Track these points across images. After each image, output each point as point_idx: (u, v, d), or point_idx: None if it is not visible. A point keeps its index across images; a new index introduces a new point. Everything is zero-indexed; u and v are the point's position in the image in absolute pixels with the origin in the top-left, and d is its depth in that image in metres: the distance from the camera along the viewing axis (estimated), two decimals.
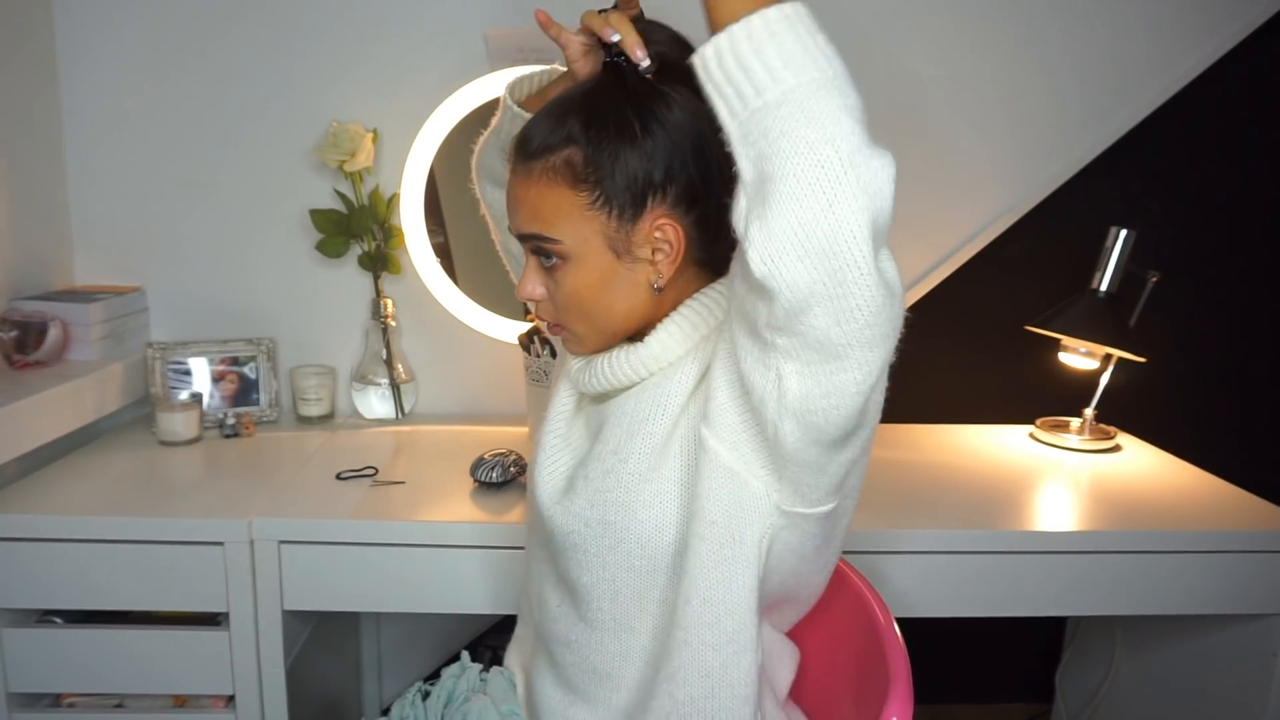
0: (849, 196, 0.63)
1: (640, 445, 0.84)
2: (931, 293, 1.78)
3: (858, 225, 0.63)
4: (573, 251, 0.83)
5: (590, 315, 0.86)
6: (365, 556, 1.26)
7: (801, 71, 0.65)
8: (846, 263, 0.64)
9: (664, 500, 0.83)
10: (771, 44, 0.65)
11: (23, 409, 1.32)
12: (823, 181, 0.63)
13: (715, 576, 0.80)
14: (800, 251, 0.64)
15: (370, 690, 1.87)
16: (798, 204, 0.64)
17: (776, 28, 0.66)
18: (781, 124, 0.64)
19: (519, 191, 0.85)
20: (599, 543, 0.85)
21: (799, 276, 0.65)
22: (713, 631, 0.81)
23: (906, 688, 0.86)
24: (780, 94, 0.65)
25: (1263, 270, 1.86)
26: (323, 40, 1.65)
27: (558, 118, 0.83)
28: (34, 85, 1.59)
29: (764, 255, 0.66)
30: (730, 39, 0.66)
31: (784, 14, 0.66)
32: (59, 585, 1.24)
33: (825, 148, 0.63)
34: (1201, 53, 1.72)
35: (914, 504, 1.38)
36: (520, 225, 0.85)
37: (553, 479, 0.91)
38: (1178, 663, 1.56)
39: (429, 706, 0.98)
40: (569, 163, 0.81)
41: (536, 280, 0.87)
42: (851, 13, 1.66)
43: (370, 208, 1.65)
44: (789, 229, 0.64)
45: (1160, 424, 1.75)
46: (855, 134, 0.64)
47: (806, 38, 0.66)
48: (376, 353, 1.70)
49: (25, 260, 1.57)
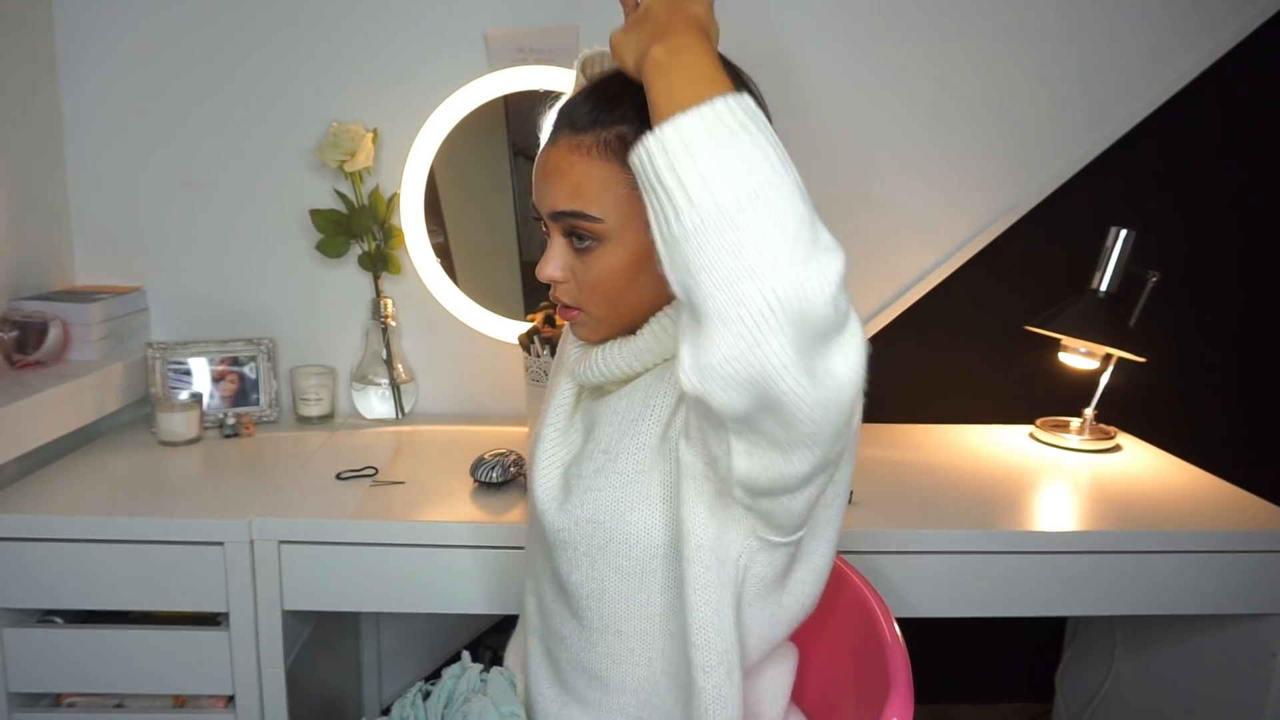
0: (774, 332, 0.59)
1: (631, 444, 0.83)
2: (931, 293, 1.78)
3: (786, 357, 0.60)
4: (612, 232, 0.80)
5: (616, 300, 0.84)
6: (365, 556, 1.26)
7: (722, 190, 0.60)
8: (780, 391, 0.62)
9: (652, 503, 0.82)
10: (691, 154, 0.61)
11: (23, 409, 1.32)
12: (746, 320, 0.59)
13: (705, 597, 0.79)
14: (730, 383, 0.62)
15: (370, 690, 1.87)
16: (723, 341, 0.61)
17: (698, 132, 0.61)
18: (701, 256, 0.60)
19: (560, 164, 0.81)
20: (588, 542, 0.84)
21: (734, 401, 0.63)
22: (702, 653, 0.80)
23: (907, 688, 0.86)
24: (698, 220, 0.60)
25: (1263, 270, 1.86)
26: (323, 40, 1.65)
27: (607, 94, 0.80)
28: (34, 85, 1.59)
29: (694, 380, 0.64)
30: (657, 142, 0.62)
31: (709, 114, 0.61)
32: (59, 585, 1.24)
33: (746, 284, 0.59)
34: (1201, 53, 1.72)
35: (914, 504, 1.38)
36: (556, 202, 0.81)
37: (549, 475, 0.90)
38: (1178, 663, 1.56)
39: (429, 706, 0.98)
40: (623, 139, 0.78)
41: (561, 261, 0.84)
42: (851, 12, 1.66)
43: (370, 208, 1.65)
44: (715, 363, 0.62)
45: (1160, 424, 1.75)
46: (781, 260, 0.59)
47: (730, 141, 0.61)
48: (376, 353, 1.70)
49: (25, 260, 1.57)
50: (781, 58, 1.67)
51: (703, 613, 0.79)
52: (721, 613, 0.79)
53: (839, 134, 1.72)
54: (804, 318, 0.60)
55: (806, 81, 1.68)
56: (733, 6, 1.70)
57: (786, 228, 0.60)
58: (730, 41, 1.80)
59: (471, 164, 1.68)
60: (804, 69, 1.68)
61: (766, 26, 1.66)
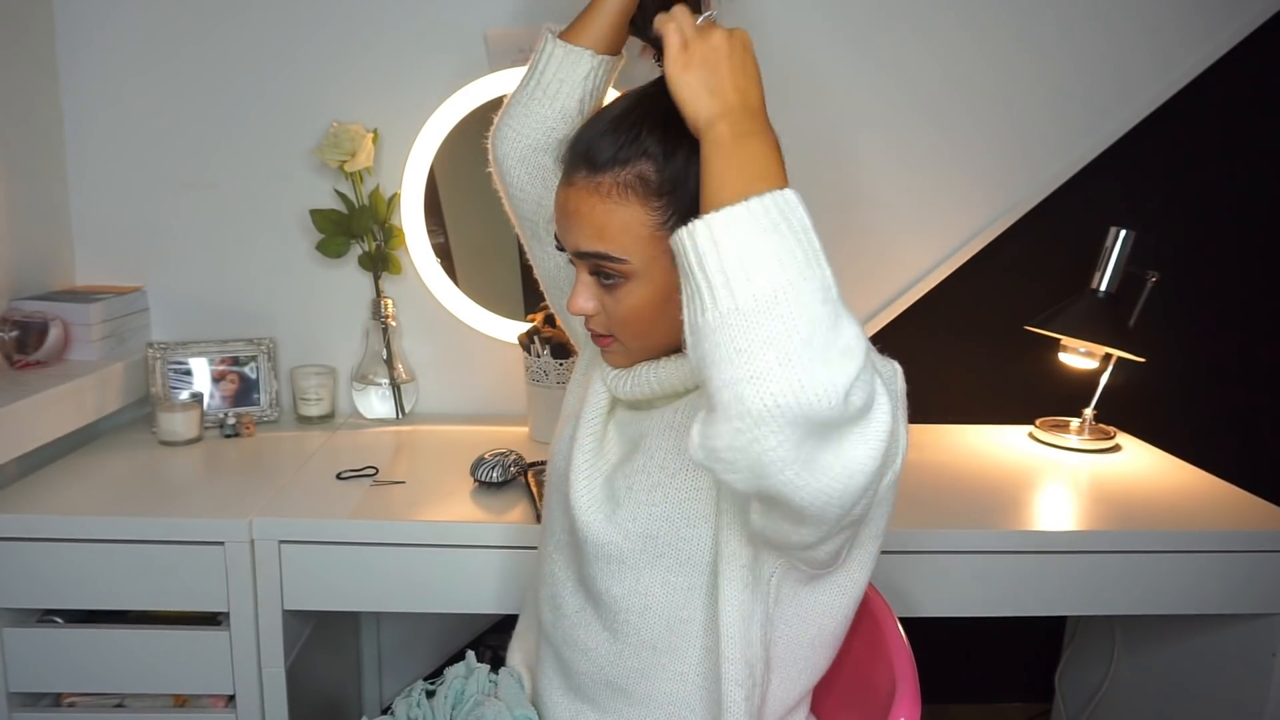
0: (772, 432, 0.60)
1: (688, 462, 0.84)
2: (931, 293, 1.78)
3: (784, 452, 0.61)
4: (638, 271, 0.80)
5: (648, 332, 0.84)
6: (365, 556, 1.26)
7: (742, 290, 0.61)
8: (777, 483, 0.63)
9: (706, 518, 0.83)
10: (717, 250, 0.62)
11: (23, 409, 1.32)
12: (745, 419, 0.61)
13: (740, 612, 0.81)
14: (731, 468, 0.64)
15: (370, 690, 1.87)
16: (724, 432, 0.62)
17: (733, 228, 0.63)
18: (714, 352, 0.62)
19: (580, 206, 0.80)
20: (637, 556, 0.84)
21: (737, 483, 0.65)
22: (734, 666, 0.81)
23: (913, 688, 0.86)
24: (718, 316, 0.62)
25: (1263, 270, 1.86)
26: (323, 40, 1.65)
27: (626, 129, 0.79)
28: (34, 85, 1.59)
29: (700, 456, 0.65)
30: (691, 234, 0.64)
31: (747, 211, 0.63)
32: (59, 585, 1.24)
33: (747, 387, 0.60)
34: (1201, 52, 1.72)
35: (914, 504, 1.38)
36: (580, 243, 0.81)
37: (590, 487, 0.89)
38: (1178, 662, 1.56)
39: (435, 706, 0.98)
40: (642, 178, 0.78)
41: (590, 295, 0.84)
42: (851, 12, 1.66)
43: (370, 208, 1.65)
44: (717, 449, 0.63)
45: (1160, 424, 1.75)
46: (787, 366, 0.60)
47: (760, 241, 0.62)
48: (376, 353, 1.70)
49: (25, 260, 1.57)
50: (782, 56, 1.67)
51: (736, 627, 0.80)
52: (751, 628, 0.81)
53: (839, 133, 1.72)
54: (805, 420, 0.60)
55: (807, 80, 1.68)
56: (734, 4, 1.70)
57: (798, 333, 0.60)
58: None
59: (471, 164, 1.66)
60: (804, 67, 1.68)
61: (767, 25, 1.66)
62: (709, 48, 0.72)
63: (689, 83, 0.72)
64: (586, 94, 0.95)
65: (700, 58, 0.72)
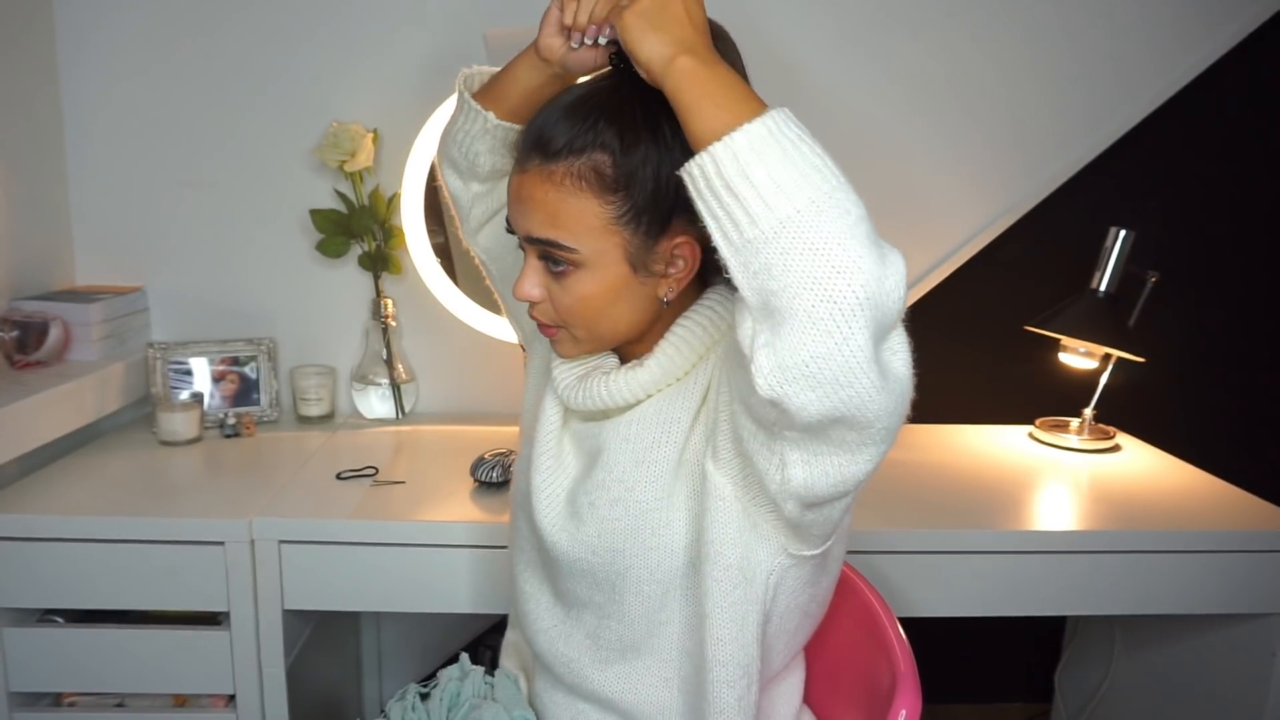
0: (862, 327, 0.60)
1: (648, 473, 0.83)
2: (931, 293, 1.78)
3: (870, 352, 0.61)
4: (588, 261, 0.79)
5: (594, 323, 0.83)
6: (365, 556, 1.26)
7: (796, 194, 0.61)
8: (861, 389, 0.62)
9: (673, 526, 0.82)
10: (759, 166, 0.61)
11: (23, 409, 1.32)
12: (835, 317, 0.60)
13: (730, 614, 0.80)
14: (812, 383, 0.62)
15: (370, 690, 1.87)
16: (809, 339, 0.61)
17: (762, 146, 0.62)
18: (784, 258, 0.61)
19: (534, 192, 0.78)
20: (607, 569, 0.84)
21: (812, 403, 0.63)
22: (726, 669, 0.81)
23: (914, 681, 0.87)
24: (776, 223, 0.61)
25: (1262, 270, 1.86)
26: (323, 40, 1.65)
27: (582, 117, 0.77)
28: (34, 85, 1.59)
29: (773, 383, 0.63)
30: (714, 160, 0.63)
31: (769, 129, 0.62)
32: (59, 585, 1.24)
33: (836, 280, 0.59)
34: (1201, 52, 1.72)
35: (914, 504, 1.38)
36: (531, 228, 0.79)
37: (552, 502, 0.88)
38: (1177, 662, 1.56)
39: (431, 708, 0.98)
40: (597, 170, 0.76)
41: (537, 281, 0.82)
42: (852, 10, 1.66)
43: (370, 208, 1.65)
44: (800, 363, 0.61)
45: (1160, 424, 1.75)
46: (865, 256, 0.60)
47: (794, 152, 0.62)
48: (376, 353, 1.70)
49: (25, 260, 1.57)
50: (783, 55, 1.67)
51: (727, 630, 0.80)
52: (745, 629, 0.80)
53: (839, 133, 1.71)
54: (884, 313, 0.61)
55: (807, 79, 1.68)
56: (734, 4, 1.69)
57: (860, 227, 0.61)
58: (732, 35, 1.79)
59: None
60: (804, 66, 1.68)
61: (768, 23, 1.66)
62: None
63: (639, 23, 0.70)
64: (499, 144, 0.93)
65: (648, 1, 0.70)
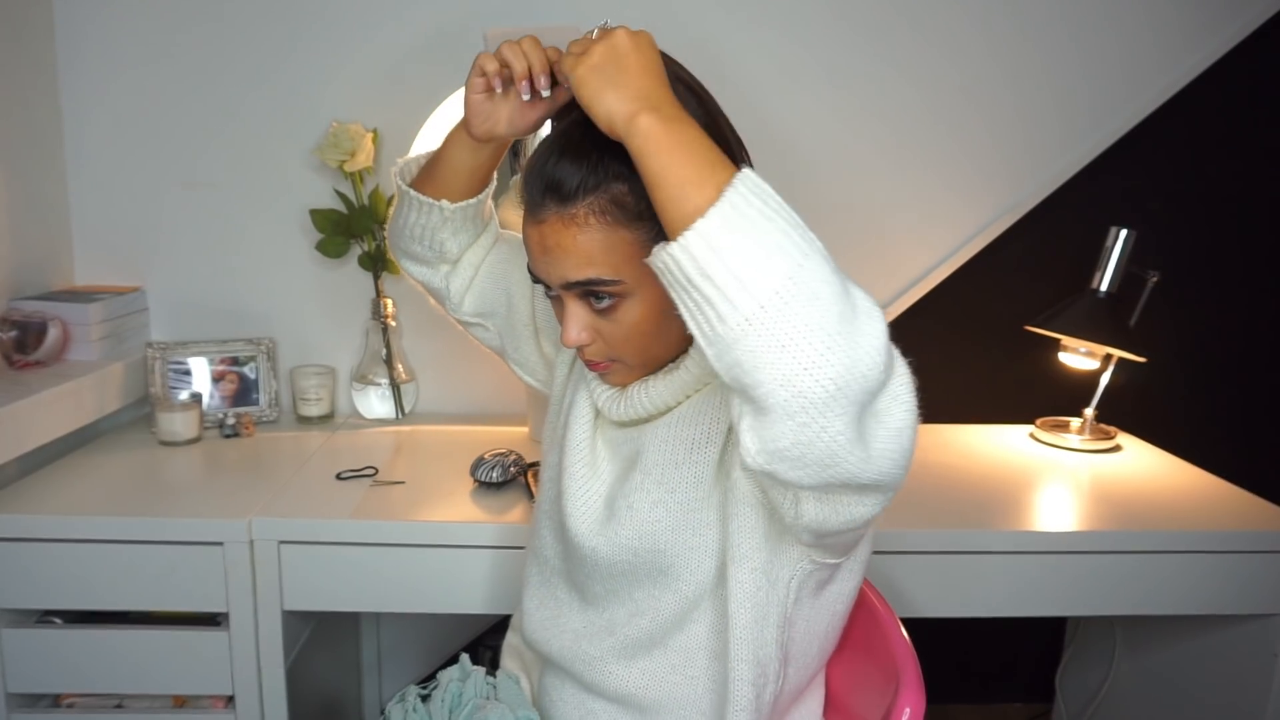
0: (837, 416, 0.60)
1: (688, 475, 0.83)
2: (931, 293, 1.78)
3: (851, 434, 0.61)
4: (633, 289, 0.78)
5: (648, 348, 0.83)
6: (365, 556, 1.26)
7: (762, 284, 0.59)
8: (848, 466, 0.62)
9: (711, 528, 0.83)
10: (724, 256, 0.59)
11: (23, 409, 1.32)
12: (810, 411, 0.59)
13: (752, 614, 0.80)
14: (799, 464, 0.62)
15: (370, 690, 1.87)
16: (788, 430, 0.61)
17: (727, 229, 0.60)
18: (753, 357, 0.59)
19: (560, 239, 0.77)
20: (646, 571, 0.85)
21: (804, 479, 0.64)
22: (747, 667, 0.81)
23: (916, 678, 0.87)
24: (742, 320, 0.59)
25: (1263, 270, 1.86)
26: (323, 40, 1.65)
27: (584, 153, 0.76)
28: (33, 84, 1.59)
29: (760, 463, 0.64)
30: (678, 255, 0.61)
31: (733, 204, 0.60)
32: (59, 585, 1.24)
33: (804, 378, 0.58)
34: (1203, 52, 1.72)
35: (914, 504, 1.38)
36: (566, 274, 0.78)
37: (588, 508, 0.88)
38: (1178, 663, 1.55)
39: (432, 709, 0.97)
40: (617, 201, 0.75)
41: (583, 324, 0.81)
42: (853, 9, 1.66)
43: (370, 208, 1.65)
44: (782, 449, 0.62)
45: (1160, 424, 1.75)
46: (833, 347, 0.58)
47: (762, 225, 0.60)
48: (376, 353, 1.70)
49: (25, 260, 1.57)
50: (783, 54, 1.67)
51: (749, 629, 0.80)
52: (766, 629, 0.81)
53: (840, 132, 1.71)
54: (862, 392, 0.60)
55: (807, 78, 1.68)
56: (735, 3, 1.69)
57: (830, 310, 0.59)
58: (732, 33, 1.80)
59: None
60: (805, 65, 1.68)
61: (768, 22, 1.66)
62: (610, 45, 0.69)
63: (594, 79, 0.68)
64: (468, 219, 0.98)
65: (601, 54, 0.69)
